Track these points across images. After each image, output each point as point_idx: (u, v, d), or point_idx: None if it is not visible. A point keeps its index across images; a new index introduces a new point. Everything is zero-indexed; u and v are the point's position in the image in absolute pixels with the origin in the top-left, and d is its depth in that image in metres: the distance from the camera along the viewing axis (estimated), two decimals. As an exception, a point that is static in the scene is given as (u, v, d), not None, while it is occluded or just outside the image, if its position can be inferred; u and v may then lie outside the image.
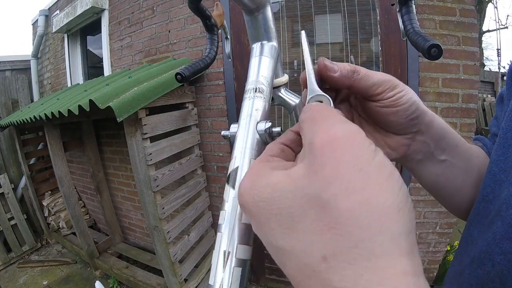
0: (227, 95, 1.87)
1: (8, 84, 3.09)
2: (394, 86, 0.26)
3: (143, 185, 1.49)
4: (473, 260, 0.29)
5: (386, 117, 0.28)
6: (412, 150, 0.31)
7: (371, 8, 1.58)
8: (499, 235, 0.26)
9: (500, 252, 0.25)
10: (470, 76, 1.48)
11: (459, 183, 0.34)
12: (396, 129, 0.29)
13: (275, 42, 0.35)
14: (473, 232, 0.31)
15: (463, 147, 0.34)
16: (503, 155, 0.29)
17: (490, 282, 0.26)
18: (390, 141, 0.31)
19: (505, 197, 0.27)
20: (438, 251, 1.74)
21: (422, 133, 0.30)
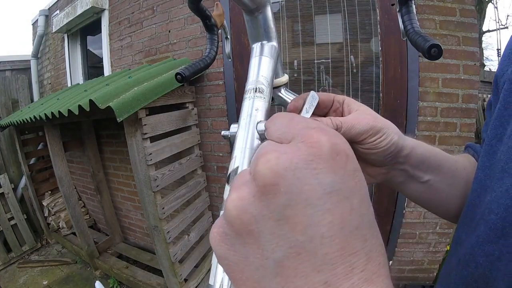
0: (227, 95, 1.87)
1: (8, 84, 3.09)
2: (375, 133, 0.28)
3: (143, 185, 1.49)
4: (459, 262, 0.31)
5: (365, 156, 0.30)
6: (391, 176, 0.34)
7: (371, 8, 1.58)
8: (481, 238, 0.27)
9: (483, 254, 0.27)
10: (470, 76, 1.48)
11: (443, 197, 0.36)
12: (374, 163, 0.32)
13: (275, 42, 0.35)
14: (461, 235, 0.32)
15: (447, 164, 0.35)
16: (488, 162, 0.30)
17: (474, 282, 0.28)
18: (369, 170, 0.33)
19: (488, 202, 0.28)
20: (438, 251, 1.74)
21: (401, 163, 0.32)
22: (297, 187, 0.13)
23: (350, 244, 0.13)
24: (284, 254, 0.13)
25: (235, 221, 0.14)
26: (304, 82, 1.75)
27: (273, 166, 0.13)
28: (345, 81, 1.67)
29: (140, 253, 2.44)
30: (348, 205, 0.13)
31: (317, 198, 0.13)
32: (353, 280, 0.13)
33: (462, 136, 1.54)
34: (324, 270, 0.13)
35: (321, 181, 0.13)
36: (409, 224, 1.71)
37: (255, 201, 0.14)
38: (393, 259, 1.80)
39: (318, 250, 0.13)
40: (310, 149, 0.14)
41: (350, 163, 0.14)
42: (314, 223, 0.13)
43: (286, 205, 0.13)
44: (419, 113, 1.55)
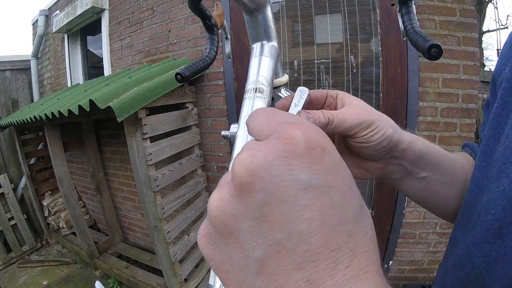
0: (227, 95, 1.87)
1: (8, 84, 3.09)
2: (367, 126, 0.28)
3: (143, 185, 1.49)
4: (455, 262, 0.30)
5: (358, 150, 0.30)
6: (388, 171, 0.33)
7: (371, 8, 1.58)
8: (478, 239, 0.27)
9: (479, 255, 0.26)
10: (470, 76, 1.48)
11: (441, 196, 0.36)
12: (368, 157, 0.31)
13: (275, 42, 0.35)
14: (457, 235, 0.32)
15: (446, 162, 0.34)
16: (486, 162, 0.30)
17: (470, 283, 0.27)
18: (365, 165, 0.33)
19: (484, 203, 0.27)
20: (438, 251, 1.74)
21: (397, 158, 0.32)
22: (272, 184, 0.13)
23: (332, 240, 0.13)
24: (264, 253, 0.13)
25: (217, 221, 0.14)
26: (304, 82, 1.75)
27: (248, 165, 0.13)
28: (345, 81, 1.67)
29: (140, 253, 2.44)
30: (328, 201, 0.13)
31: (293, 194, 0.13)
32: (337, 277, 0.12)
33: (462, 136, 1.54)
34: (305, 267, 0.12)
35: (296, 177, 0.13)
36: (409, 224, 1.71)
37: (234, 200, 0.14)
38: (393, 259, 1.80)
39: (297, 247, 0.12)
40: (285, 145, 0.14)
41: (326, 158, 0.14)
42: (291, 220, 0.13)
43: (263, 203, 0.13)
44: (419, 113, 1.55)
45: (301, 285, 0.12)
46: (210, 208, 0.15)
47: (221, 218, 0.14)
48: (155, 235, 1.58)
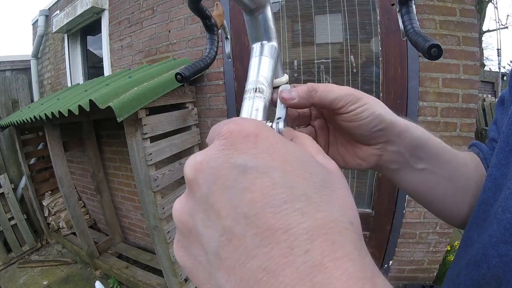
0: (227, 95, 1.87)
1: (8, 84, 3.09)
2: (355, 100, 0.27)
3: (143, 185, 1.49)
4: (470, 262, 0.30)
5: (350, 130, 0.29)
6: (385, 160, 0.31)
7: (371, 8, 1.58)
8: (495, 237, 0.26)
9: (496, 255, 0.25)
10: (470, 76, 1.48)
11: (440, 192, 0.34)
12: (362, 140, 0.30)
13: (275, 42, 0.35)
14: (472, 235, 0.31)
15: (447, 156, 0.33)
16: (505, 160, 0.29)
17: (485, 284, 0.26)
18: (359, 152, 0.31)
19: (501, 200, 0.27)
20: (438, 251, 1.74)
21: (393, 143, 0.30)
22: (213, 175, 0.13)
23: (281, 221, 0.12)
24: (217, 244, 0.13)
25: (178, 224, 0.15)
26: (304, 82, 1.74)
27: (191, 163, 0.15)
28: (345, 81, 1.67)
29: (140, 253, 2.44)
30: (268, 180, 0.13)
31: (233, 180, 0.13)
32: (297, 264, 0.11)
33: (462, 136, 1.54)
34: (258, 254, 0.11)
35: (233, 163, 0.13)
36: (409, 224, 1.71)
37: (187, 200, 0.15)
38: (393, 259, 1.80)
39: (245, 232, 0.12)
40: (221, 140, 0.15)
41: (261, 142, 0.14)
42: (235, 205, 0.12)
43: (208, 194, 0.13)
44: (419, 113, 1.55)
45: (258, 276, 0.11)
46: (173, 213, 0.15)
47: (180, 219, 0.15)
48: (155, 235, 1.58)
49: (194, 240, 0.14)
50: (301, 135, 0.21)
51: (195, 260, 0.14)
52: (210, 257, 0.13)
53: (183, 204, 0.15)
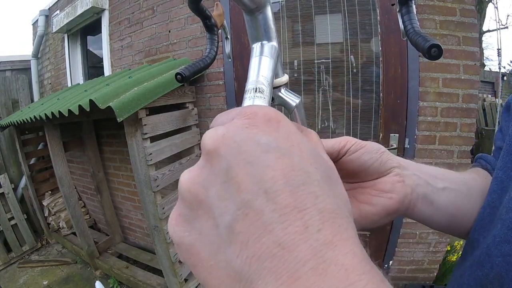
0: (227, 95, 1.87)
1: (8, 84, 3.10)
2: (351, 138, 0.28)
3: (143, 185, 1.49)
4: (473, 262, 0.30)
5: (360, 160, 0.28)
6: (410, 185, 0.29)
7: (371, 8, 1.57)
8: (498, 237, 0.26)
9: (499, 255, 0.26)
10: (470, 76, 1.48)
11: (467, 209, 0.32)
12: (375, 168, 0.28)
13: (275, 42, 0.35)
14: (478, 237, 0.31)
15: (453, 174, 0.33)
16: (510, 162, 0.29)
17: (489, 284, 0.26)
18: (382, 186, 0.29)
19: (506, 201, 0.27)
20: (439, 251, 1.74)
21: (404, 167, 0.29)
22: (235, 149, 0.14)
23: (298, 200, 0.12)
24: (233, 217, 0.13)
25: (186, 195, 0.15)
26: (304, 82, 1.75)
27: (213, 135, 0.15)
28: (345, 81, 1.67)
29: (140, 253, 2.44)
30: (288, 162, 0.13)
31: (255, 156, 0.13)
32: (310, 241, 0.11)
33: (462, 136, 1.54)
34: (275, 229, 0.12)
35: (257, 141, 0.14)
36: (409, 224, 1.71)
37: (202, 170, 0.15)
38: (393, 259, 1.80)
39: (264, 207, 0.12)
40: (245, 119, 0.15)
41: (282, 127, 0.15)
42: (257, 180, 0.13)
43: (228, 166, 0.13)
44: (419, 113, 1.55)
45: (273, 250, 0.11)
46: (180, 184, 0.15)
47: (190, 190, 0.15)
48: (155, 235, 1.58)
49: (203, 212, 0.14)
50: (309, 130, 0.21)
51: (199, 235, 0.14)
52: (222, 231, 0.13)
53: (196, 175, 0.15)
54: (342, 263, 0.11)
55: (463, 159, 1.56)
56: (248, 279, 0.12)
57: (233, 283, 0.13)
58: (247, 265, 0.12)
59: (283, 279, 0.11)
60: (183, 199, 0.15)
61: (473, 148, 1.58)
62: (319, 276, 0.11)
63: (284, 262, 0.11)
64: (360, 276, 0.11)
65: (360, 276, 0.11)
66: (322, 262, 0.11)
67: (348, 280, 0.11)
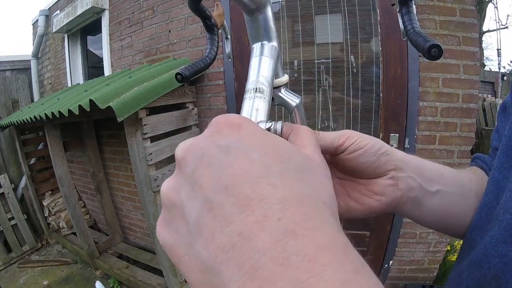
0: (227, 95, 1.87)
1: (8, 84, 3.09)
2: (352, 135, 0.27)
3: (143, 185, 1.49)
4: (471, 262, 0.30)
5: (357, 161, 0.28)
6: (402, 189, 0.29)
7: (371, 8, 1.58)
8: (495, 238, 0.26)
9: (496, 255, 0.26)
10: (470, 76, 1.48)
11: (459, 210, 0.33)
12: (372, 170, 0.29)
13: (275, 42, 0.35)
14: (476, 238, 0.31)
15: (450, 174, 0.33)
16: (507, 162, 0.29)
17: (486, 284, 0.27)
18: (374, 187, 0.29)
19: (502, 202, 0.27)
20: (439, 251, 1.74)
21: (401, 169, 0.29)
22: (200, 154, 0.15)
23: (256, 192, 0.13)
24: (198, 213, 0.14)
25: (165, 200, 0.16)
26: (304, 82, 1.75)
27: (181, 146, 0.17)
28: (345, 81, 1.67)
29: (141, 253, 2.44)
30: (247, 159, 0.14)
31: (217, 158, 0.15)
32: (270, 230, 0.12)
33: (462, 136, 1.54)
34: (235, 220, 0.12)
35: (218, 145, 0.15)
36: (409, 224, 1.71)
37: (176, 177, 0.16)
38: (393, 259, 1.80)
39: (225, 201, 0.13)
40: (210, 128, 0.17)
41: (244, 130, 0.16)
42: (217, 178, 0.14)
43: (194, 170, 0.15)
44: (420, 113, 1.55)
45: (234, 240, 0.12)
46: (161, 191, 0.17)
47: (166, 195, 0.16)
48: (155, 235, 1.58)
49: (177, 213, 0.15)
50: (300, 126, 0.22)
51: (176, 234, 0.15)
52: (191, 227, 0.14)
53: (171, 181, 0.17)
54: (304, 253, 0.11)
55: (463, 159, 1.56)
56: (215, 270, 0.12)
57: (204, 275, 0.13)
58: (213, 256, 0.12)
59: (245, 269, 0.11)
60: (164, 204, 0.17)
61: (473, 148, 1.58)
62: (280, 267, 0.11)
63: (245, 252, 0.11)
64: (325, 266, 0.11)
65: (325, 266, 0.11)
66: (283, 252, 0.11)
67: (312, 271, 0.10)
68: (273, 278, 0.11)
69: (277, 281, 0.10)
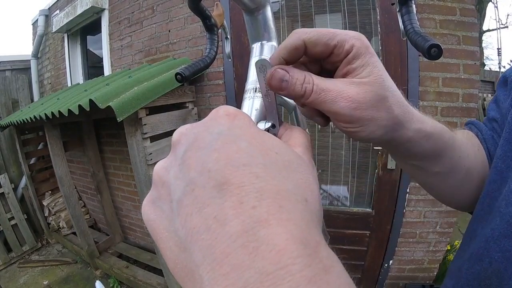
0: (227, 95, 1.87)
1: (8, 84, 3.09)
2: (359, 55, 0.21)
3: (143, 185, 1.49)
4: (471, 256, 0.29)
5: None
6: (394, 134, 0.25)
7: (371, 7, 1.57)
8: (497, 232, 0.26)
9: (498, 250, 0.25)
10: (470, 76, 1.48)
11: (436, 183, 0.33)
12: None
13: (275, 42, 0.35)
14: (476, 228, 0.31)
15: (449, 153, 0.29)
16: (510, 152, 0.28)
17: (487, 279, 0.26)
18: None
19: (505, 193, 0.26)
20: (438, 250, 1.74)
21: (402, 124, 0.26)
22: (193, 138, 0.16)
23: (237, 178, 0.13)
24: (182, 192, 0.14)
25: (155, 178, 0.17)
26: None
27: (179, 129, 0.18)
28: (345, 81, 1.67)
29: (141, 253, 2.44)
30: (234, 146, 0.14)
31: (207, 143, 0.15)
32: (243, 217, 0.12)
33: (462, 136, 1.54)
34: (212, 204, 0.13)
35: (211, 131, 0.16)
36: (409, 223, 1.71)
37: (169, 157, 0.17)
38: (393, 259, 1.80)
39: (206, 183, 0.13)
40: (208, 117, 0.18)
41: (237, 121, 0.17)
42: (203, 161, 0.14)
43: (185, 152, 0.16)
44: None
45: (209, 222, 0.12)
46: (153, 170, 0.18)
47: (158, 173, 0.17)
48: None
49: (164, 191, 0.16)
50: (294, 127, 0.22)
51: (160, 211, 0.16)
52: (174, 204, 0.14)
53: (164, 161, 0.17)
54: (274, 244, 0.11)
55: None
56: (189, 249, 0.13)
57: (179, 252, 0.14)
58: (190, 235, 0.13)
59: (216, 253, 0.11)
60: (154, 182, 0.17)
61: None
62: (249, 255, 0.11)
63: (217, 236, 0.12)
64: (295, 259, 0.11)
65: (294, 259, 0.10)
66: (254, 241, 0.11)
67: (280, 263, 0.10)
68: (241, 266, 0.11)
69: (244, 270, 0.10)
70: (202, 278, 0.11)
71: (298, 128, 0.22)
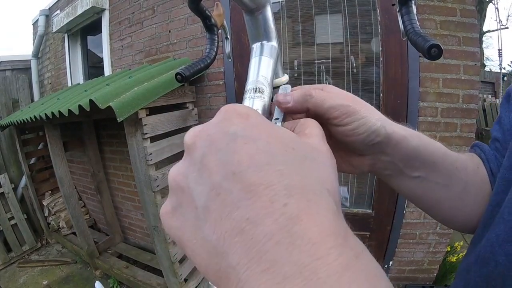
0: (228, 95, 1.87)
1: (9, 84, 3.09)
2: (352, 112, 0.26)
3: (143, 185, 1.49)
4: (478, 259, 0.30)
5: (344, 140, 0.28)
6: (378, 168, 0.30)
7: (371, 8, 1.57)
8: (501, 237, 0.27)
9: (503, 253, 0.26)
10: (470, 77, 1.48)
11: (434, 197, 0.33)
12: (355, 151, 0.29)
13: (275, 42, 0.35)
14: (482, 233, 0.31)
15: (445, 163, 0.31)
16: None
17: (492, 280, 0.27)
18: (352, 160, 0.31)
19: (508, 201, 0.27)
20: (438, 251, 1.74)
21: (387, 154, 0.29)
22: (209, 140, 0.16)
23: (263, 178, 0.13)
24: (207, 198, 0.14)
25: (172, 184, 0.17)
26: (305, 82, 1.75)
27: (191, 132, 0.17)
28: (345, 81, 1.67)
29: (140, 253, 2.44)
30: (253, 146, 0.15)
31: (225, 144, 0.15)
32: (276, 215, 0.12)
33: (462, 137, 1.54)
34: (242, 206, 0.13)
35: (226, 132, 0.15)
36: (409, 225, 1.70)
37: (184, 162, 0.17)
38: (393, 260, 1.80)
39: (232, 187, 0.13)
40: (218, 116, 0.17)
41: (251, 119, 0.16)
42: (225, 164, 0.14)
43: (203, 155, 0.15)
44: (420, 113, 1.55)
45: (242, 225, 0.12)
46: (168, 176, 0.17)
47: (175, 180, 0.17)
48: (155, 235, 1.58)
49: (185, 198, 0.16)
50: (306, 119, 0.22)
51: (183, 219, 0.16)
52: (200, 211, 0.14)
53: (179, 167, 0.17)
54: (309, 237, 0.11)
55: (463, 160, 1.56)
56: (223, 253, 0.13)
57: (211, 257, 0.14)
58: (222, 240, 0.13)
59: (252, 253, 0.12)
60: (171, 189, 0.17)
61: (473, 148, 1.57)
62: (285, 251, 0.11)
63: (252, 236, 0.12)
64: (329, 250, 0.11)
65: (329, 250, 0.11)
66: (288, 236, 0.12)
67: (316, 254, 0.11)
68: (278, 261, 0.11)
69: (282, 264, 0.11)
70: (239, 277, 0.12)
71: (309, 119, 0.22)
